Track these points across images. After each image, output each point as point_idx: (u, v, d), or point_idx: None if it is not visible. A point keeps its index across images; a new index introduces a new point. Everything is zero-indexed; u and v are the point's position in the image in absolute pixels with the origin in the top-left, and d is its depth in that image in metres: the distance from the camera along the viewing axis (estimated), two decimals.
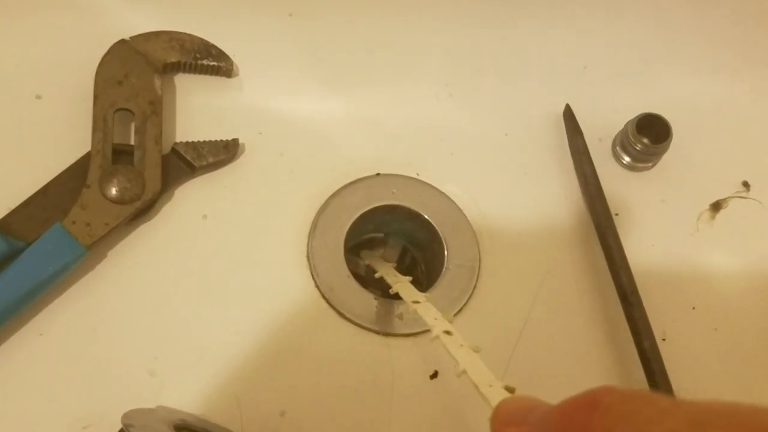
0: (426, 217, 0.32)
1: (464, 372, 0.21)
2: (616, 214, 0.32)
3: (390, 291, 0.29)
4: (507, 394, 0.18)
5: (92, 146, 0.29)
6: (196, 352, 0.28)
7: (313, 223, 0.31)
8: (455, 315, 0.30)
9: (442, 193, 0.32)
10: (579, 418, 0.13)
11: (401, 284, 0.28)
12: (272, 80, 0.33)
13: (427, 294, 0.27)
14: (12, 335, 0.27)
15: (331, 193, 0.31)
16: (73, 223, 0.27)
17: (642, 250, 0.32)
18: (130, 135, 0.30)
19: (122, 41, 0.31)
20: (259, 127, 0.32)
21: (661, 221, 0.33)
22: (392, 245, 0.35)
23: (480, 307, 0.31)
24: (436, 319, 0.24)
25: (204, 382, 0.27)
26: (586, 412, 0.13)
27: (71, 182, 0.28)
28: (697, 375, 0.30)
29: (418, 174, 0.33)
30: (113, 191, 0.28)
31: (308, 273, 0.30)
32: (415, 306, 0.26)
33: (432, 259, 0.33)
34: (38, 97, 0.31)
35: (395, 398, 0.28)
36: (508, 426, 0.16)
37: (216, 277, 0.29)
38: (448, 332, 0.23)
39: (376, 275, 0.30)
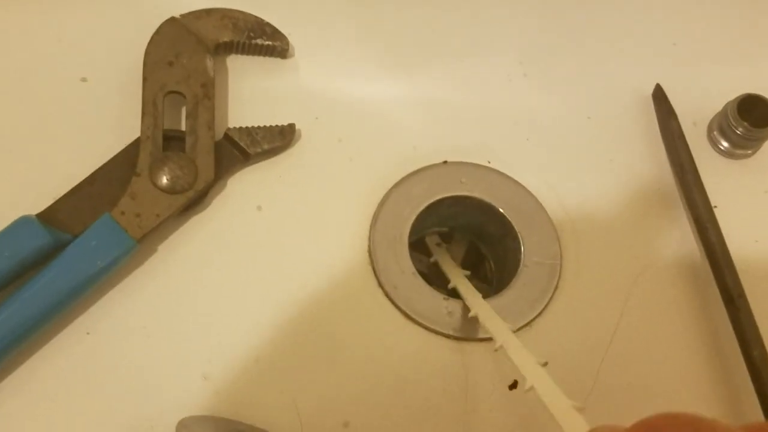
0: (499, 209, 0.29)
1: (532, 388, 0.21)
2: (715, 207, 0.29)
3: (449, 286, 0.27)
4: (579, 417, 0.19)
5: (141, 132, 0.27)
6: (251, 354, 0.26)
7: (374, 215, 0.29)
8: (535, 318, 0.27)
9: (517, 182, 0.30)
10: None
11: (463, 283, 0.27)
12: (330, 61, 0.31)
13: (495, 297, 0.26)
14: (58, 334, 0.25)
15: (393, 183, 0.29)
16: (122, 213, 0.26)
17: (745, 246, 0.29)
18: (181, 120, 0.28)
19: (172, 19, 0.29)
20: (317, 111, 0.30)
21: (764, 215, 0.30)
22: (458, 240, 0.33)
23: (563, 310, 0.28)
24: (499, 327, 0.24)
25: (260, 388, 0.25)
26: None
27: (120, 170, 0.27)
28: None
29: (489, 162, 0.30)
30: (164, 180, 0.27)
31: (370, 270, 0.28)
32: (475, 310, 0.25)
33: (504, 256, 0.30)
34: (84, 79, 0.29)
35: (469, 410, 0.26)
36: None
37: (272, 274, 0.27)
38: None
39: (432, 259, 0.28)
